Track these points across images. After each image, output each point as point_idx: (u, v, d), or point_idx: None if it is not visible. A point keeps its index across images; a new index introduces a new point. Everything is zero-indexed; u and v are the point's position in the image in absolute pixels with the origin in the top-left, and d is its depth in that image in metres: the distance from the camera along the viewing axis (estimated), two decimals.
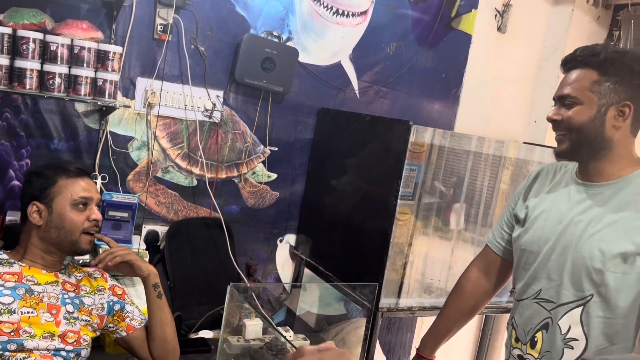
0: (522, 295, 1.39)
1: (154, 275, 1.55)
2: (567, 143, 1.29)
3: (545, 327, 1.31)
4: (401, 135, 1.94)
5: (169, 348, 1.55)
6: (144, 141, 2.11)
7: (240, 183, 2.31)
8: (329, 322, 2.55)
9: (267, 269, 2.44)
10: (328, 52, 2.38)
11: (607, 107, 1.24)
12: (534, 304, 1.34)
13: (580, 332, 1.26)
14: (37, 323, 1.38)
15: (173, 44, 2.08)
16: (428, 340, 1.64)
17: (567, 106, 1.28)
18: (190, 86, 2.12)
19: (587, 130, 1.26)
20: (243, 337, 1.81)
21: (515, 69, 2.82)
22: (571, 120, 1.27)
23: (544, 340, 1.31)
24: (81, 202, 1.47)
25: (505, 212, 1.54)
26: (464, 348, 2.95)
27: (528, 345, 1.35)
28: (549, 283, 1.31)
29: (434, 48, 2.60)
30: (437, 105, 2.66)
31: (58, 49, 1.72)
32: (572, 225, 1.29)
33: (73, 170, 1.50)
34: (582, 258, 1.25)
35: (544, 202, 1.39)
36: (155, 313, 1.55)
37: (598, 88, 1.24)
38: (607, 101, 1.24)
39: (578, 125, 1.26)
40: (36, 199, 1.46)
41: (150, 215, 2.16)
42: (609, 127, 1.25)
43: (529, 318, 1.36)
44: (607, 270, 1.21)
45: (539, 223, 1.37)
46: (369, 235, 2.09)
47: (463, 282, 1.60)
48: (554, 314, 1.30)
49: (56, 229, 1.45)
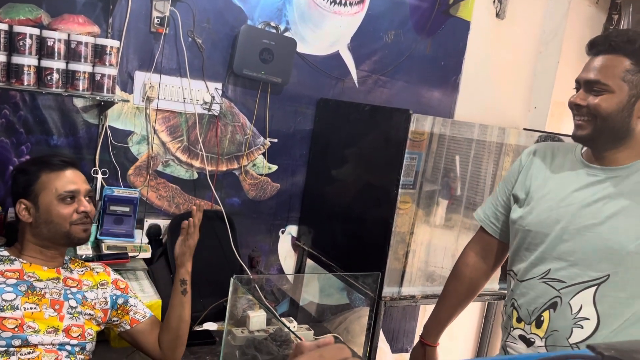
0: (526, 276, 1.37)
1: (186, 271, 1.57)
2: (590, 129, 1.27)
3: (553, 306, 1.31)
4: (401, 124, 1.93)
5: (179, 343, 1.57)
6: (143, 135, 2.11)
7: (240, 175, 2.31)
8: (332, 312, 2.56)
9: (270, 261, 2.45)
10: (326, 42, 2.37)
11: (637, 98, 1.22)
12: (541, 283, 1.33)
13: (592, 312, 1.26)
14: (41, 318, 1.38)
15: (170, 36, 2.07)
16: (430, 328, 1.64)
17: (595, 92, 1.25)
18: (189, 79, 2.11)
19: (613, 120, 1.24)
20: (247, 328, 1.82)
21: (515, 55, 2.81)
22: (599, 108, 1.24)
23: (551, 320, 1.31)
24: (68, 196, 1.46)
25: (499, 193, 1.52)
26: (467, 334, 2.96)
27: (533, 324, 1.34)
28: (560, 263, 1.30)
29: (433, 36, 2.58)
30: (436, 93, 2.65)
31: (55, 44, 1.71)
32: (587, 206, 1.28)
33: (56, 163, 1.49)
34: (602, 239, 1.25)
35: (547, 183, 1.38)
36: (176, 308, 1.55)
37: (631, 78, 1.21)
38: (638, 92, 1.22)
39: (606, 114, 1.23)
40: (22, 196, 1.46)
41: (151, 209, 2.16)
42: (635, 118, 1.24)
43: (534, 298, 1.34)
44: (630, 250, 1.21)
45: (546, 204, 1.36)
46: (370, 225, 2.09)
47: (461, 267, 1.60)
48: (564, 293, 1.29)
49: (45, 224, 1.45)
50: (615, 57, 1.23)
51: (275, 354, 1.55)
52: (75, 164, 1.55)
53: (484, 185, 2.22)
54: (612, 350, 0.51)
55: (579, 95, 1.28)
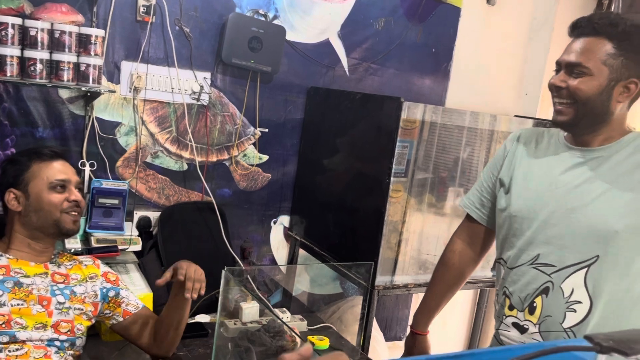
0: (516, 263, 1.37)
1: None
2: (570, 115, 1.26)
3: (545, 291, 1.30)
4: (393, 112, 1.92)
5: (175, 341, 1.56)
6: (131, 126, 2.08)
7: (231, 166, 2.29)
8: (325, 302, 2.56)
9: (262, 251, 2.44)
10: (316, 30, 2.34)
11: (616, 82, 1.22)
12: (532, 269, 1.33)
13: (584, 295, 1.26)
14: (29, 314, 1.36)
15: (157, 25, 2.03)
16: (420, 317, 1.64)
17: (576, 75, 1.24)
18: (177, 68, 2.08)
19: (593, 103, 1.23)
20: (240, 320, 1.81)
21: (505, 42, 2.79)
22: (578, 91, 1.24)
23: (544, 305, 1.30)
24: (58, 185, 1.45)
25: (483, 180, 1.51)
26: (459, 322, 2.97)
27: (526, 311, 1.34)
28: (549, 247, 1.30)
29: (423, 22, 2.56)
30: (427, 81, 2.64)
31: (38, 34, 1.67)
32: (573, 189, 1.28)
33: (47, 153, 1.49)
34: (589, 221, 1.24)
35: (532, 168, 1.37)
36: (177, 311, 1.52)
37: (612, 62, 1.21)
38: (617, 76, 1.21)
39: (585, 97, 1.23)
40: (12, 185, 1.44)
41: (141, 201, 2.14)
42: (613, 102, 1.24)
43: (525, 284, 1.34)
44: (617, 230, 1.21)
45: (531, 189, 1.35)
46: (363, 214, 2.08)
47: (448, 255, 1.59)
48: (555, 277, 1.29)
49: (35, 212, 1.43)
50: (597, 39, 1.22)
51: (268, 345, 1.54)
52: (65, 156, 1.55)
53: (475, 173, 2.21)
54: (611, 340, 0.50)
55: (559, 77, 1.27)
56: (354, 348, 1.89)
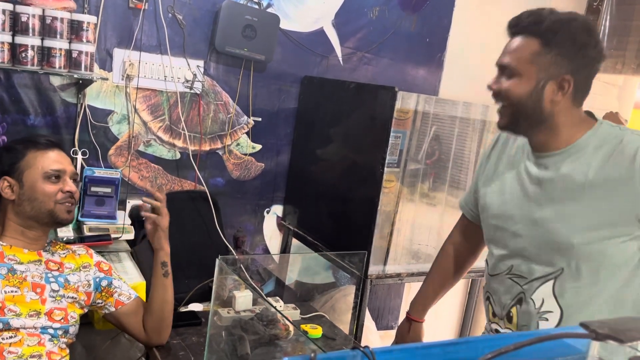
0: (495, 271, 1.37)
1: (165, 253, 1.56)
2: (507, 118, 1.25)
3: (519, 302, 1.31)
4: (387, 102, 1.91)
5: (164, 325, 1.56)
6: (124, 114, 2.06)
7: (224, 155, 2.28)
8: (318, 291, 2.56)
9: (255, 241, 2.44)
10: (310, 18, 2.33)
11: (546, 80, 1.18)
12: (507, 279, 1.34)
13: (554, 304, 1.26)
14: (22, 302, 1.36)
15: (150, 12, 2.01)
16: (417, 304, 1.66)
17: (507, 76, 1.22)
18: (170, 56, 2.06)
19: (524, 104, 1.20)
20: (233, 308, 1.81)
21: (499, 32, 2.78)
22: (508, 93, 1.21)
23: (519, 315, 1.32)
24: (53, 175, 1.45)
25: (474, 179, 1.52)
26: (451, 311, 3.00)
27: (505, 320, 1.36)
28: (519, 259, 1.30)
29: (418, 12, 2.55)
30: (421, 71, 2.63)
31: (29, 19, 1.65)
32: (533, 199, 1.27)
33: (42, 142, 1.48)
34: (549, 233, 1.23)
35: (503, 175, 1.36)
36: (159, 291, 1.54)
37: (538, 60, 1.18)
38: (547, 75, 1.18)
39: (515, 99, 1.21)
40: (6, 174, 1.44)
41: (134, 190, 2.13)
42: (547, 102, 1.19)
43: (503, 293, 1.35)
44: (573, 243, 1.20)
45: (499, 198, 1.35)
46: (356, 204, 2.08)
47: (447, 246, 1.62)
48: (527, 289, 1.29)
49: (29, 201, 1.42)
50: (526, 39, 1.21)
51: (262, 333, 1.55)
52: (61, 145, 1.54)
53: (467, 163, 2.22)
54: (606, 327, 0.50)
55: (494, 80, 1.26)
56: (346, 337, 1.90)
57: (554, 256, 1.24)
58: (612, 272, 1.23)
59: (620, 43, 2.75)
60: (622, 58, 2.74)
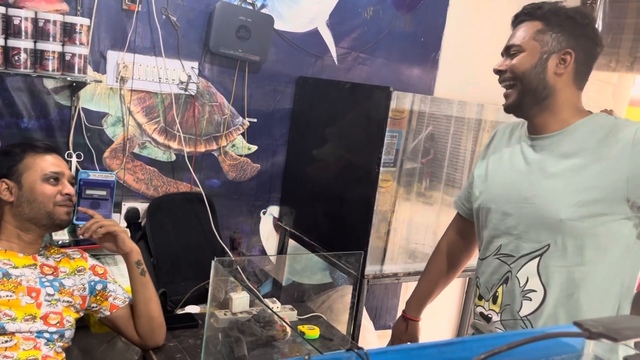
0: (485, 254, 1.41)
1: (137, 252, 1.54)
2: (514, 96, 1.31)
3: (506, 281, 1.34)
4: (382, 102, 1.91)
5: (154, 325, 1.55)
6: (118, 117, 2.05)
7: (220, 156, 2.27)
8: (315, 292, 2.56)
9: (252, 242, 2.43)
10: (304, 19, 2.33)
11: (549, 54, 1.27)
12: (495, 260, 1.37)
13: (537, 283, 1.28)
14: (18, 306, 1.35)
15: (143, 14, 2.00)
16: (413, 303, 1.67)
17: (512, 56, 1.31)
18: (164, 58, 2.06)
19: (529, 77, 1.28)
20: (230, 310, 1.81)
21: (493, 31, 2.79)
22: (514, 68, 1.30)
23: (504, 294, 1.34)
24: (52, 177, 1.45)
25: (471, 176, 1.56)
26: (448, 310, 3.00)
27: (490, 301, 1.38)
28: (508, 238, 1.33)
29: (412, 11, 2.55)
30: (416, 70, 2.64)
31: (22, 22, 1.65)
32: (525, 178, 1.32)
33: (41, 146, 1.49)
34: (538, 209, 1.27)
35: (500, 161, 1.41)
36: (139, 291, 1.54)
37: (541, 37, 1.28)
38: (549, 49, 1.27)
39: (521, 73, 1.28)
40: (5, 176, 1.44)
41: (129, 192, 2.12)
42: (550, 74, 1.27)
43: (490, 274, 1.38)
44: (562, 218, 1.23)
45: (495, 181, 1.40)
46: (352, 204, 2.08)
47: (442, 245, 1.64)
48: (513, 267, 1.32)
49: (28, 202, 1.42)
50: (529, 22, 1.31)
51: (259, 335, 1.55)
52: (58, 150, 1.55)
53: (463, 162, 2.22)
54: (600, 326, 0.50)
55: (500, 62, 1.35)
56: (343, 337, 1.90)
57: (541, 232, 1.27)
58: (599, 254, 1.24)
59: (614, 40, 2.75)
60: (616, 55, 2.75)
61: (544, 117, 1.31)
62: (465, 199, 1.56)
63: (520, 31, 1.32)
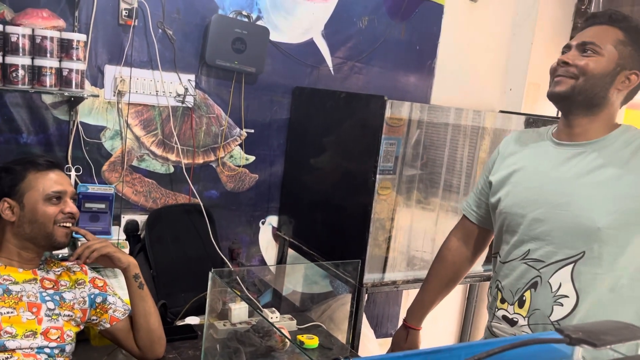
0: (508, 258, 1.39)
1: (134, 265, 1.54)
2: (568, 86, 1.28)
3: (534, 286, 1.32)
4: (377, 111, 1.93)
5: (154, 338, 1.55)
6: (116, 130, 2.07)
7: (218, 167, 2.29)
8: (315, 301, 2.56)
9: (251, 252, 2.44)
10: (300, 30, 2.35)
11: (621, 68, 1.26)
12: (522, 264, 1.35)
13: (571, 289, 1.27)
14: (19, 322, 1.36)
15: (140, 28, 2.03)
16: (414, 311, 1.66)
17: (587, 54, 1.27)
18: (161, 71, 2.08)
19: (595, 82, 1.26)
20: (229, 321, 1.81)
21: (489, 38, 2.81)
22: (586, 67, 1.26)
23: (532, 299, 1.33)
24: (55, 196, 1.44)
25: (479, 181, 1.54)
26: (450, 317, 2.99)
27: (516, 305, 1.36)
28: (539, 243, 1.32)
29: (407, 20, 2.57)
30: (412, 78, 2.65)
31: (19, 39, 1.67)
32: (559, 185, 1.30)
33: (43, 163, 1.47)
34: (574, 216, 1.26)
35: (521, 166, 1.40)
36: (138, 304, 1.54)
37: (622, 48, 1.26)
38: (624, 63, 1.26)
39: (591, 74, 1.26)
40: (7, 195, 1.43)
41: (128, 205, 2.13)
42: (613, 88, 1.27)
43: (516, 279, 1.36)
44: (600, 226, 1.23)
45: (520, 186, 1.38)
46: (350, 212, 2.09)
47: (444, 252, 1.62)
48: (544, 272, 1.31)
49: (29, 223, 1.42)
50: (611, 27, 1.28)
51: (258, 345, 1.55)
52: (60, 165, 1.54)
53: (460, 169, 2.23)
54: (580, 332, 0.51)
55: (570, 54, 1.30)
56: (343, 346, 1.90)
57: (577, 240, 1.26)
58: (634, 262, 1.25)
59: None
60: None
61: (586, 122, 1.30)
62: (476, 205, 1.54)
63: (600, 32, 1.28)
